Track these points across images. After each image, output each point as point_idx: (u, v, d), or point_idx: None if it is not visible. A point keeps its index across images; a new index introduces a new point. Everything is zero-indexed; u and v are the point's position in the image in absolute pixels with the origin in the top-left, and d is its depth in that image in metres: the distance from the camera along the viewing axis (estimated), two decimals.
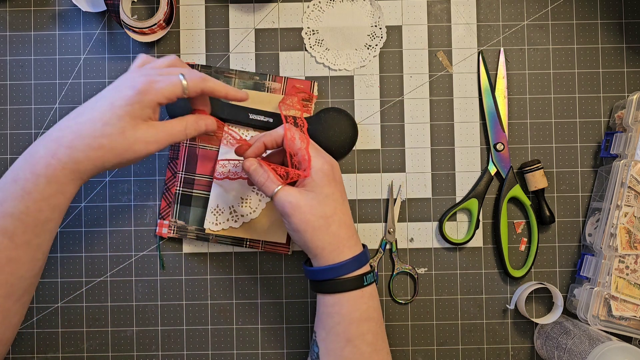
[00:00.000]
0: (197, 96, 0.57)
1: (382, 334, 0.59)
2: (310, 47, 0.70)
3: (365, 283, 0.57)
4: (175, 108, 0.66)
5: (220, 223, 0.67)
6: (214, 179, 0.67)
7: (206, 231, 0.68)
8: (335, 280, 0.57)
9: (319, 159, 0.58)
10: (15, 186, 0.52)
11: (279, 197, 0.57)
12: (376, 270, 0.67)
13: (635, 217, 0.64)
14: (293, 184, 0.59)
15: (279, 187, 0.57)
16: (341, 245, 0.57)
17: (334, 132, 0.68)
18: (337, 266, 0.57)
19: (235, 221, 0.67)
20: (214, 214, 0.67)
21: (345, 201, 0.59)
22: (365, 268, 0.58)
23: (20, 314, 0.57)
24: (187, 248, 0.70)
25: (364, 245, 0.60)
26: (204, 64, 0.70)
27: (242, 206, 0.68)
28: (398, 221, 0.70)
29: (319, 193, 0.57)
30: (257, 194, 0.68)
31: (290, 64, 0.70)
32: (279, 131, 0.60)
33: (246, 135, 0.68)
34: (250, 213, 0.68)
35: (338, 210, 0.57)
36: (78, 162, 0.52)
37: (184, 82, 0.54)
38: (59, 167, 0.52)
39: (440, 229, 0.69)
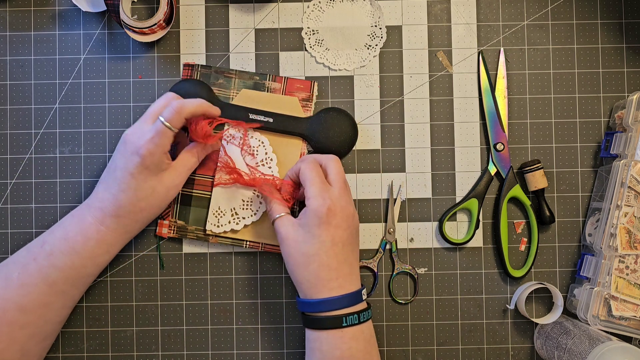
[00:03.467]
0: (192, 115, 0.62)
1: None
2: (310, 47, 0.70)
3: (345, 324, 0.57)
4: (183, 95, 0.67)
5: (221, 225, 0.67)
6: (214, 185, 0.68)
7: (207, 232, 0.68)
8: (312, 315, 0.58)
9: (318, 200, 0.58)
10: (65, 244, 0.59)
11: (276, 224, 0.61)
12: (368, 311, 0.61)
13: (635, 217, 0.64)
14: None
15: (279, 215, 0.61)
16: (319, 285, 0.58)
17: (334, 132, 0.68)
18: (313, 302, 0.58)
19: (237, 223, 0.67)
20: (216, 216, 0.67)
21: (336, 245, 0.58)
22: (349, 309, 0.58)
23: (39, 357, 0.62)
24: (187, 248, 0.70)
25: (363, 286, 0.61)
26: (204, 63, 0.70)
27: (243, 209, 0.68)
28: (398, 221, 0.70)
29: (308, 231, 0.58)
30: (258, 196, 0.68)
31: (290, 64, 0.70)
32: (296, 167, 0.64)
33: (251, 136, 0.68)
34: (252, 216, 0.67)
35: (322, 252, 0.57)
36: (126, 226, 0.60)
37: (167, 124, 0.58)
38: (109, 232, 0.60)
39: (440, 229, 0.69)
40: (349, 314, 0.58)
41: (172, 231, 0.68)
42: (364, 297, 0.60)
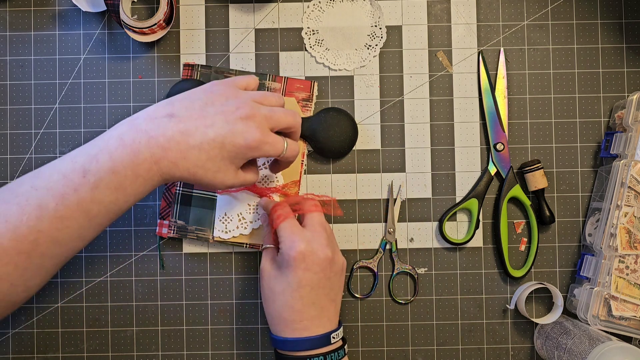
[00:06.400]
0: None
1: None
2: (310, 47, 0.70)
3: None
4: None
5: (230, 231, 0.67)
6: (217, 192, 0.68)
7: (216, 239, 0.67)
8: (279, 352, 0.60)
9: (286, 243, 0.59)
10: (114, 178, 0.52)
11: (262, 254, 0.63)
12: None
13: (635, 217, 0.64)
14: None
15: (265, 246, 0.63)
16: (282, 324, 0.59)
17: (334, 132, 0.68)
18: (277, 339, 0.59)
19: (245, 228, 0.67)
20: (223, 222, 0.67)
21: (302, 288, 0.58)
22: (314, 351, 0.58)
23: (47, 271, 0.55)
24: (187, 248, 0.70)
25: (339, 325, 0.61)
26: (204, 64, 0.70)
27: (249, 212, 0.68)
28: (398, 221, 0.70)
29: (278, 269, 0.60)
30: None
31: (290, 64, 0.70)
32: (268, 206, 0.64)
33: None
34: (258, 219, 0.67)
35: (287, 292, 0.58)
36: (173, 177, 0.54)
37: (284, 152, 0.57)
38: (157, 174, 0.54)
39: (440, 229, 0.69)
40: (312, 356, 0.58)
41: (172, 231, 0.68)
42: (334, 340, 0.59)
